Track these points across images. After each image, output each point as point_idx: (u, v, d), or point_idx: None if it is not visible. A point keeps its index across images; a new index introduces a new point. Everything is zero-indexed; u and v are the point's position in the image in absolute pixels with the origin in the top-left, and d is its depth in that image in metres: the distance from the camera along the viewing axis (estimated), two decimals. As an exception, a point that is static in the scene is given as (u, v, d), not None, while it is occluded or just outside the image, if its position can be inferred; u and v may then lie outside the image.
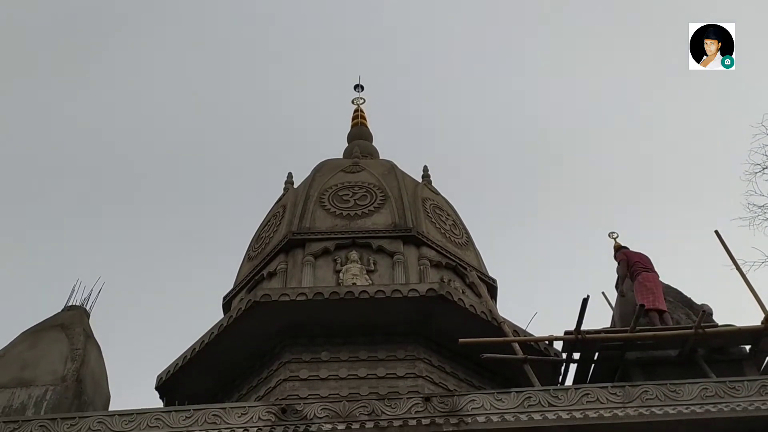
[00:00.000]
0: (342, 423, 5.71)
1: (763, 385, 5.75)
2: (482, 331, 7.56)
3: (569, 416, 5.69)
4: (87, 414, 5.92)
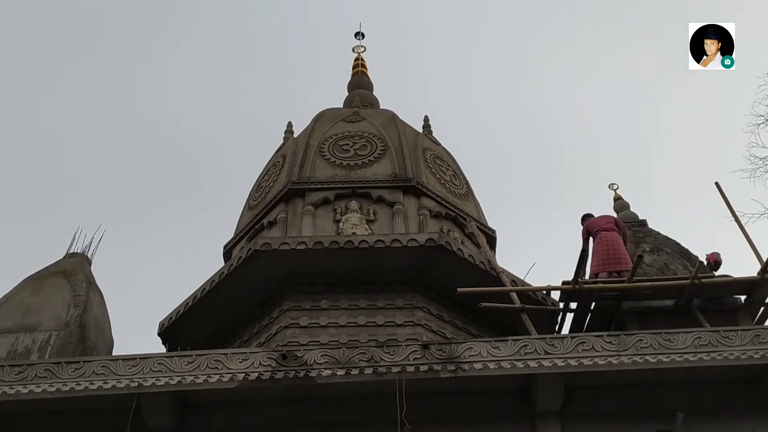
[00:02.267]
0: (341, 369, 5.82)
1: (756, 334, 5.84)
2: (481, 281, 7.64)
3: (564, 364, 5.79)
4: (91, 358, 6.03)
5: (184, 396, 5.98)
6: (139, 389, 5.75)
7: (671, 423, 5.73)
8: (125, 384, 5.77)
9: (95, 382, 5.77)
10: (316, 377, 5.79)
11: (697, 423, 5.80)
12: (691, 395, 5.95)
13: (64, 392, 5.74)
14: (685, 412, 5.71)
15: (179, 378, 5.80)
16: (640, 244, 7.81)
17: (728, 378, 5.99)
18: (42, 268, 7.70)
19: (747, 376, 6.00)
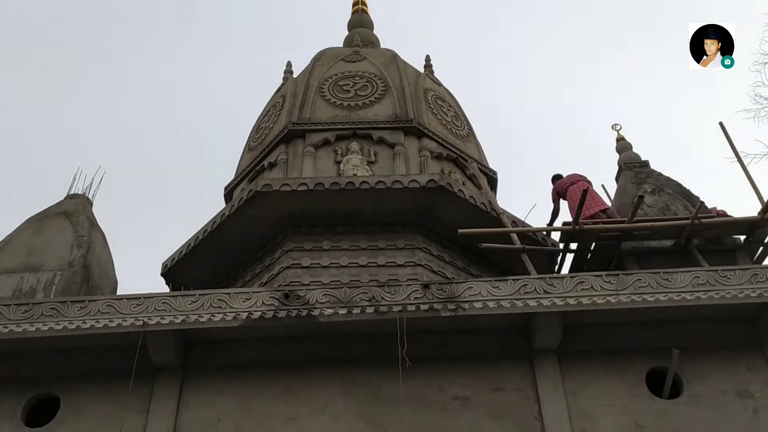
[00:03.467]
0: (343, 308, 5.90)
1: (754, 273, 5.89)
2: (481, 222, 7.66)
3: (563, 303, 5.86)
4: (96, 298, 6.11)
5: (188, 334, 6.09)
6: (144, 327, 5.85)
7: (667, 360, 5.84)
8: (130, 322, 5.86)
9: (101, 321, 5.87)
10: (318, 316, 5.87)
11: (693, 360, 5.92)
12: (688, 333, 6.05)
13: (70, 330, 5.85)
14: (681, 349, 5.81)
15: (183, 317, 5.89)
16: (641, 185, 7.80)
17: (725, 316, 6.08)
18: (44, 209, 7.71)
19: (743, 314, 6.08)
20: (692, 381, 5.89)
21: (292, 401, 5.94)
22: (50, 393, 6.10)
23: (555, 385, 5.92)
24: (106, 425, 5.86)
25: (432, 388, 5.95)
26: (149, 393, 5.98)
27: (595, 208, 7.57)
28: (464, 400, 5.90)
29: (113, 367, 6.05)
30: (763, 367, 5.93)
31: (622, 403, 5.81)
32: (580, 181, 8.03)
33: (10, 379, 6.10)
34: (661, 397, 5.84)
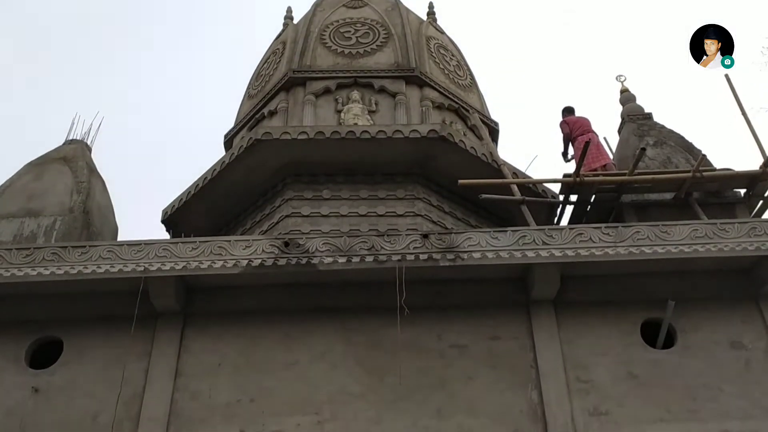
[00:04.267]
0: (343, 257, 5.93)
1: (753, 227, 5.90)
2: (482, 173, 7.64)
3: (562, 254, 5.89)
4: (97, 243, 6.14)
5: (189, 280, 6.14)
6: (145, 273, 5.90)
7: (662, 311, 5.91)
8: (131, 268, 5.91)
9: (102, 266, 5.91)
10: (318, 264, 5.91)
11: (687, 311, 5.98)
12: (684, 285, 6.10)
13: (71, 275, 5.90)
14: (677, 301, 5.87)
15: (184, 263, 5.93)
16: (643, 138, 7.75)
17: (722, 269, 6.13)
18: (42, 154, 7.68)
19: (740, 267, 6.13)
20: (686, 332, 5.98)
21: (291, 347, 6.03)
22: (53, 336, 6.19)
23: (551, 335, 6.00)
24: (109, 368, 5.97)
25: (430, 336, 6.03)
26: (151, 337, 6.07)
27: (597, 163, 7.57)
28: (461, 348, 5.99)
29: (115, 311, 6.13)
30: (757, 318, 6.01)
31: (616, 352, 5.90)
32: (588, 132, 8.01)
33: (13, 322, 6.19)
34: (654, 347, 5.93)
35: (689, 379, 5.75)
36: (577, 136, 8.12)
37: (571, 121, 8.39)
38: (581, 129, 8.15)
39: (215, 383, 5.88)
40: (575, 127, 8.25)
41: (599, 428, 5.57)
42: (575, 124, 8.29)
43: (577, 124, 8.26)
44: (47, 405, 5.84)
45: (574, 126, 8.27)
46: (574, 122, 8.34)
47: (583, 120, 8.33)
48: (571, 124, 8.33)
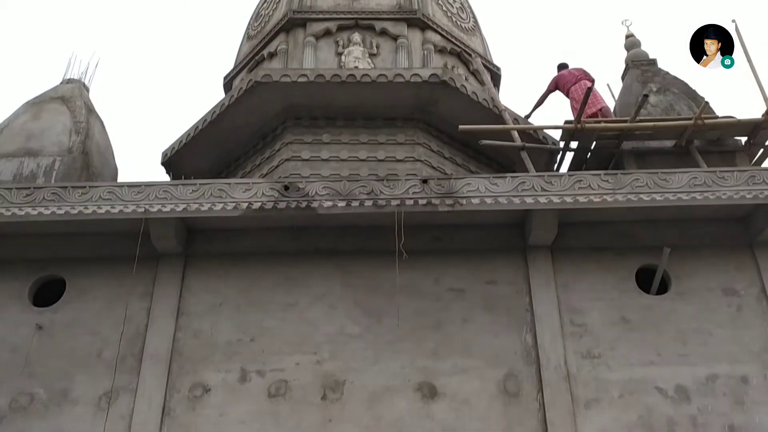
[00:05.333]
0: (342, 201, 5.96)
1: (752, 175, 5.91)
2: (483, 119, 7.59)
3: (560, 200, 5.92)
4: (97, 184, 6.15)
5: (189, 222, 6.19)
6: (146, 215, 5.93)
7: (657, 258, 5.98)
8: (132, 209, 5.94)
9: (102, 207, 5.95)
10: (318, 208, 5.94)
11: (683, 259, 6.05)
12: (680, 233, 6.16)
13: (72, 215, 5.94)
14: (673, 248, 5.93)
15: (184, 206, 5.96)
16: (647, 84, 7.66)
17: (719, 217, 6.17)
18: (40, 94, 7.60)
19: (736, 215, 6.17)
20: (680, 278, 6.06)
21: (291, 289, 6.12)
22: (56, 275, 6.28)
23: (547, 280, 6.08)
24: (111, 307, 6.07)
25: (427, 279, 6.12)
26: (153, 278, 6.16)
27: (592, 109, 7.53)
28: (458, 291, 6.08)
29: (117, 252, 6.20)
30: (750, 266, 6.07)
31: (611, 298, 6.00)
32: (582, 80, 7.96)
33: (16, 261, 6.27)
34: (649, 293, 6.03)
35: (681, 324, 5.86)
36: (570, 87, 8.04)
37: (561, 76, 8.29)
38: (575, 78, 8.07)
39: (216, 323, 6.00)
40: (567, 79, 8.15)
41: (591, 370, 5.71)
42: (566, 77, 8.19)
43: (569, 76, 8.17)
44: (51, 342, 5.97)
45: (566, 79, 8.17)
46: (564, 76, 8.23)
47: (576, 71, 8.24)
48: (562, 79, 8.23)
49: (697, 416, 5.51)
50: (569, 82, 8.13)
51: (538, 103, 8.43)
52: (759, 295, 5.96)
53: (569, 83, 8.12)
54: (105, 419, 5.57)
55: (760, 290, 5.97)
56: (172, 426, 5.60)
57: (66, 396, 5.73)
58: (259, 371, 5.78)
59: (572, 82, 8.08)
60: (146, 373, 5.76)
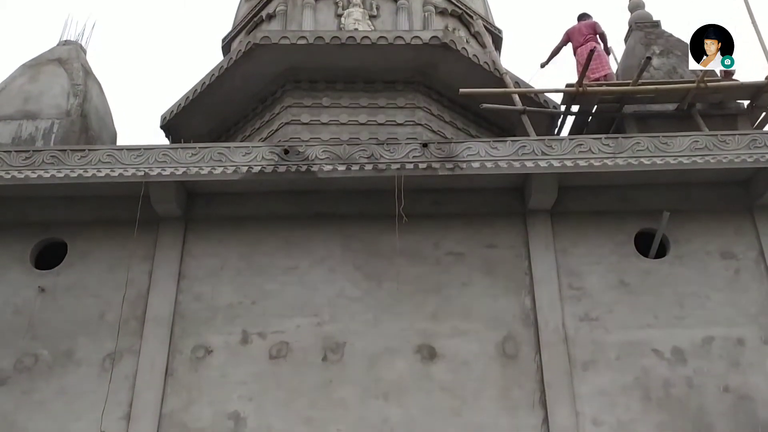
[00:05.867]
0: (342, 165, 5.94)
1: (753, 138, 5.88)
2: (484, 82, 7.53)
3: (560, 164, 5.90)
4: (96, 147, 6.14)
5: (189, 186, 6.19)
6: (146, 178, 5.93)
7: (657, 222, 5.99)
8: (132, 173, 5.93)
9: (102, 170, 5.94)
10: (318, 172, 5.94)
11: (682, 222, 6.07)
12: (680, 197, 6.16)
13: (72, 178, 5.93)
14: (672, 212, 5.94)
15: (184, 169, 5.96)
16: (650, 47, 7.57)
17: (719, 181, 6.16)
18: (37, 55, 7.52)
19: (737, 179, 6.16)
20: (679, 242, 6.08)
21: (291, 253, 6.15)
22: (57, 238, 6.31)
23: (546, 244, 6.10)
24: (113, 270, 6.11)
25: (427, 243, 6.14)
26: (154, 241, 6.18)
27: (597, 74, 7.46)
28: (458, 255, 6.11)
29: (118, 215, 6.21)
30: (749, 230, 6.09)
31: (609, 262, 6.03)
32: (590, 41, 7.84)
33: (17, 224, 6.29)
34: (647, 257, 6.06)
35: (678, 288, 5.90)
36: (578, 47, 7.93)
37: (573, 31, 8.15)
38: (584, 38, 7.94)
39: (217, 286, 6.05)
40: (576, 37, 8.02)
41: (589, 333, 5.77)
42: (577, 33, 8.06)
43: (580, 33, 8.03)
44: (54, 304, 6.02)
45: (576, 36, 8.04)
46: (575, 32, 8.10)
47: (587, 26, 8.08)
48: (573, 35, 8.10)
49: (693, 377, 5.59)
50: (577, 41, 7.98)
51: (552, 54, 8.31)
52: (757, 258, 5.99)
53: (578, 43, 7.98)
54: (109, 380, 5.65)
55: (758, 254, 5.99)
56: (174, 386, 5.69)
57: (70, 357, 5.80)
58: (261, 333, 5.85)
59: (580, 42, 7.93)
60: (149, 335, 5.82)
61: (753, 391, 5.52)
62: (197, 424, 5.54)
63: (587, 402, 5.51)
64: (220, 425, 5.53)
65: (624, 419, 5.45)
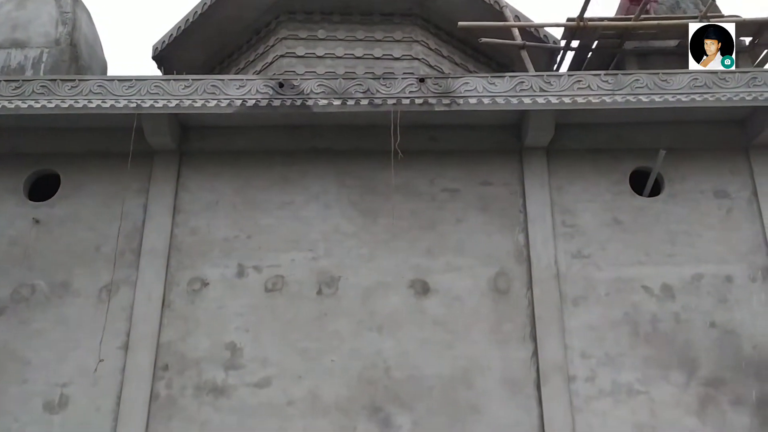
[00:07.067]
0: (337, 99, 5.86)
1: (753, 77, 5.81)
2: (483, 16, 7.37)
3: (558, 101, 5.84)
4: (87, 77, 6.02)
5: (183, 119, 6.13)
6: (138, 110, 5.85)
7: (652, 161, 5.98)
8: (123, 104, 5.85)
9: (93, 101, 5.85)
10: (313, 106, 5.86)
11: (678, 161, 6.07)
12: (677, 135, 6.14)
13: (63, 109, 5.84)
14: (669, 150, 5.93)
15: (177, 101, 5.87)
16: (653, -19, 7.36)
17: (717, 119, 6.13)
18: (20, -20, 7.26)
19: (735, 117, 6.12)
20: (674, 181, 6.09)
21: (286, 188, 6.15)
22: (50, 170, 6.27)
23: (541, 182, 6.11)
24: (107, 203, 6.10)
25: (423, 179, 6.14)
26: (148, 174, 6.16)
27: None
28: (453, 192, 6.12)
29: (111, 147, 6.17)
30: (744, 169, 6.10)
31: (604, 199, 6.05)
32: None
33: (9, 155, 6.24)
34: (641, 195, 6.08)
35: (671, 226, 5.95)
36: None
37: None
38: None
39: (213, 220, 6.06)
40: None
41: (581, 269, 5.84)
42: None
43: None
44: (49, 236, 6.04)
45: None
46: None
47: None
48: None
49: (680, 313, 5.70)
50: None
51: None
52: (750, 197, 6.02)
53: None
54: (106, 310, 5.73)
55: (751, 193, 6.02)
56: (171, 317, 5.77)
57: (67, 288, 5.86)
58: (256, 267, 5.90)
59: None
60: (145, 267, 5.87)
61: (738, 327, 5.65)
62: (194, 354, 5.65)
63: (576, 336, 5.64)
64: (217, 355, 5.64)
65: (612, 353, 5.59)
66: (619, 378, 5.52)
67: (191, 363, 5.63)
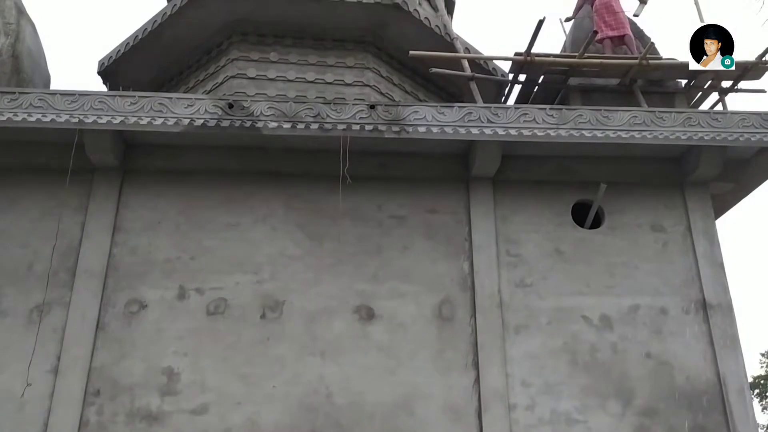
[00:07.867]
0: (288, 122, 5.85)
1: (688, 117, 6.08)
2: (434, 46, 7.49)
3: (505, 133, 5.97)
4: (28, 90, 5.83)
5: (127, 136, 6.00)
6: (80, 125, 5.69)
7: (594, 193, 6.17)
8: (65, 119, 5.68)
9: (33, 115, 5.66)
10: (262, 128, 5.83)
11: (617, 194, 6.27)
12: (617, 170, 6.34)
13: (1, 122, 5.65)
14: (609, 184, 6.12)
15: (122, 118, 5.74)
16: (599, 22, 7.66)
17: (654, 156, 6.38)
18: (-39, -12, 7.04)
19: (671, 155, 6.38)
20: (613, 214, 6.29)
21: (233, 209, 6.07)
22: (-16, 184, 6.03)
23: (486, 211, 6.21)
24: (43, 219, 5.89)
25: (370, 205, 6.16)
26: (88, 191, 5.98)
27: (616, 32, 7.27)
28: (400, 218, 6.15)
29: (50, 163, 5.97)
30: (679, 204, 6.35)
31: (546, 230, 6.19)
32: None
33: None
34: (583, 227, 6.24)
35: (610, 258, 6.12)
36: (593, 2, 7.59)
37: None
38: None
39: (155, 240, 5.92)
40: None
41: (523, 298, 5.94)
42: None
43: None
44: (-20, 252, 5.78)
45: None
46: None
47: None
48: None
49: (618, 343, 5.84)
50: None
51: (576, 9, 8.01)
52: (684, 232, 6.25)
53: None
54: (36, 332, 5.50)
55: (686, 228, 6.26)
56: (106, 340, 5.58)
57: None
58: (198, 289, 5.78)
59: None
60: (80, 287, 5.67)
61: (672, 358, 5.82)
62: (128, 380, 5.47)
63: (517, 364, 5.70)
64: (153, 380, 5.47)
65: (551, 381, 5.67)
66: (558, 407, 5.60)
67: (124, 388, 5.44)
